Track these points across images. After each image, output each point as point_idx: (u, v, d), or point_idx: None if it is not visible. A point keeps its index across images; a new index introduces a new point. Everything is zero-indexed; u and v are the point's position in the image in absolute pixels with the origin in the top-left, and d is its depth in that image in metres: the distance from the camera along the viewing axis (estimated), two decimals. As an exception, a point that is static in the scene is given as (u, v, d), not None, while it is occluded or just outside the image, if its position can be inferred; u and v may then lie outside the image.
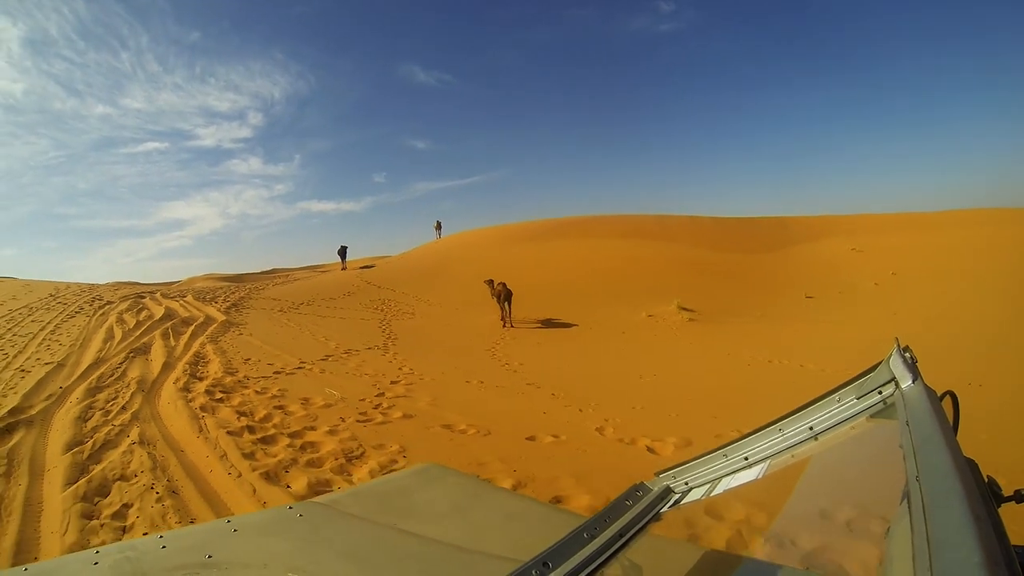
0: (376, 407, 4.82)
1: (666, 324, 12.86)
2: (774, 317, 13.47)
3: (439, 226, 28.76)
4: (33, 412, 4.59)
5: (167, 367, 6.49)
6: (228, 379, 5.83)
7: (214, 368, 6.42)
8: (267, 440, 3.79)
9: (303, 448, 3.63)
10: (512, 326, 12.41)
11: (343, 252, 26.75)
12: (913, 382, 0.81)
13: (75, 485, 3.02)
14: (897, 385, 0.83)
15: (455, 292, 18.08)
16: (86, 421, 4.33)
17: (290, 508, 1.20)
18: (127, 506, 2.78)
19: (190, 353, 7.39)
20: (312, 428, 4.07)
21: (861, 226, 29.87)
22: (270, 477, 3.07)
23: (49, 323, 9.55)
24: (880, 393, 0.85)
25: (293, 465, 3.29)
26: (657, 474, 1.10)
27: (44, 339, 8.17)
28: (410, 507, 1.29)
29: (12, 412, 4.54)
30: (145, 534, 2.37)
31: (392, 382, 6.06)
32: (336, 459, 3.39)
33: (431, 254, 25.03)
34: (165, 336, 8.55)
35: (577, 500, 2.75)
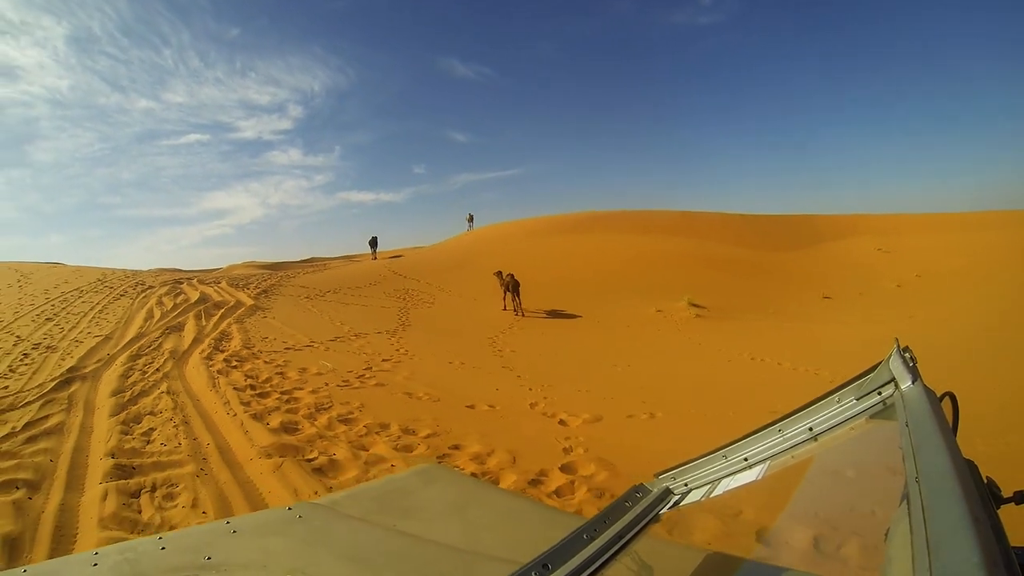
0: (359, 377, 5.94)
1: (672, 319, 13.47)
2: (786, 316, 13.95)
3: (471, 219, 30.02)
4: (86, 371, 5.93)
5: (196, 341, 7.83)
6: (244, 351, 7.10)
7: (235, 343, 7.72)
8: (262, 395, 4.96)
9: (287, 401, 4.77)
10: (522, 315, 13.41)
11: (374, 242, 28.41)
12: (913, 383, 0.83)
13: (117, 416, 4.25)
14: (897, 386, 0.86)
15: (477, 283, 19.10)
16: (127, 378, 5.63)
17: (289, 509, 1.25)
18: (152, 429, 3.97)
19: (217, 331, 8.75)
20: (300, 388, 5.22)
21: (891, 226, 29.61)
22: (256, 417, 4.20)
23: (98, 304, 11.22)
24: (880, 394, 0.88)
25: (276, 411, 4.42)
26: (656, 475, 1.15)
27: (94, 317, 9.76)
28: (409, 508, 1.36)
29: (70, 370, 5.89)
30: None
31: (384, 359, 7.19)
32: (308, 409, 4.50)
33: (459, 246, 26.26)
34: (198, 317, 9.99)
35: (470, 448, 3.73)
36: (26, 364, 6.25)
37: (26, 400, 4.73)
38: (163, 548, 1.03)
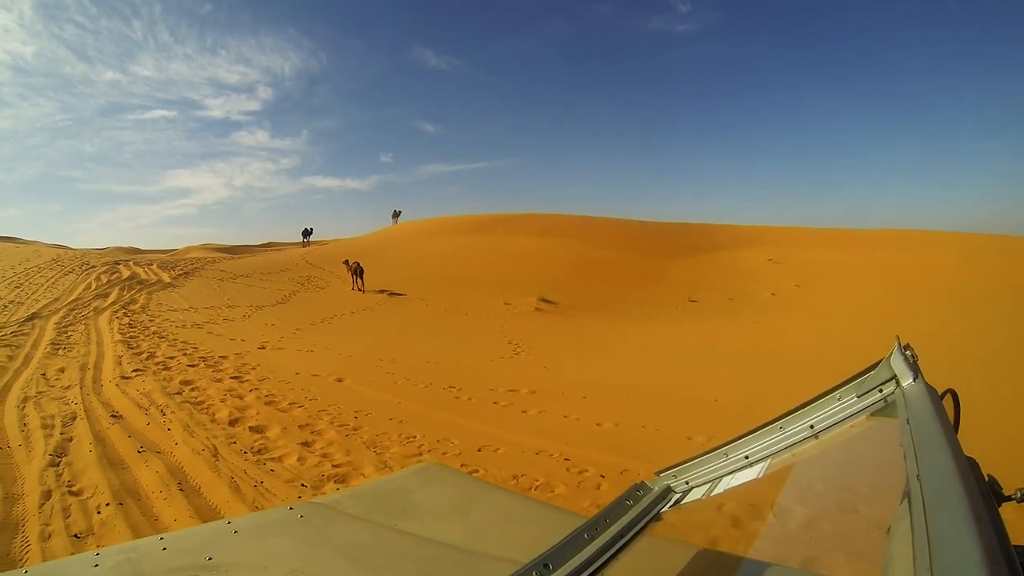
0: (195, 325, 11.33)
1: (512, 312, 16.67)
2: (633, 317, 16.26)
3: (397, 214, 35.31)
4: (43, 315, 11.29)
5: (113, 303, 13.19)
6: (139, 309, 12.49)
7: (137, 306, 13.09)
8: (132, 327, 10.36)
9: (142, 331, 10.18)
10: (363, 292, 18.78)
11: (307, 233, 33.63)
12: (914, 380, 0.90)
13: (56, 331, 9.64)
14: (898, 383, 0.92)
15: (373, 273, 24.12)
16: (65, 318, 11.00)
17: (291, 509, 1.37)
18: (71, 335, 9.38)
19: (130, 298, 14.10)
20: (155, 326, 10.63)
21: (792, 238, 33.09)
22: (121, 333, 9.60)
23: (51, 278, 16.60)
24: (881, 391, 0.95)
25: (132, 331, 9.82)
26: (657, 473, 1.25)
27: (48, 286, 15.11)
28: (410, 507, 1.48)
29: (32, 314, 11.23)
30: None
31: (224, 319, 12.56)
32: (148, 333, 9.91)
33: (378, 240, 31.63)
34: (122, 289, 15.33)
35: (200, 349, 9.12)
36: (7, 311, 11.61)
37: (11, 325, 10.10)
38: (164, 548, 1.12)
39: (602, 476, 3.98)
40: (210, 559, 1.07)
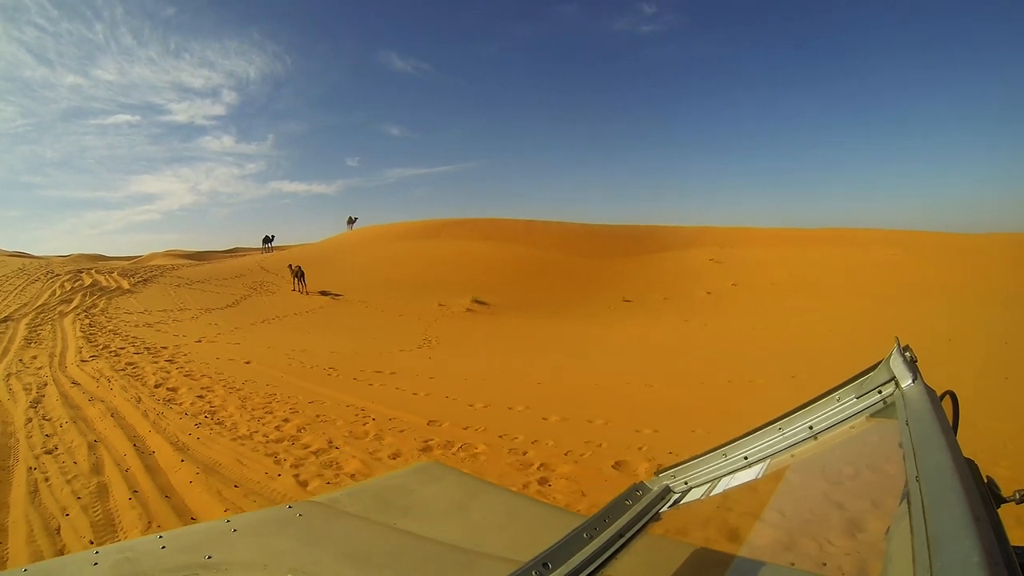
0: (147, 324, 13.66)
1: (443, 313, 18.57)
2: (562, 316, 17.88)
3: (352, 220, 37.58)
4: (15, 318, 13.53)
5: (76, 308, 15.43)
6: (98, 312, 14.77)
7: (97, 309, 15.35)
8: (93, 326, 12.68)
9: (100, 329, 12.51)
10: (307, 294, 21.05)
11: (268, 240, 35.74)
12: (913, 381, 0.92)
13: (28, 330, 11.94)
14: (897, 384, 0.94)
15: (322, 277, 26.05)
16: (34, 320, 13.27)
17: (289, 507, 1.40)
18: (40, 334, 11.69)
19: (91, 303, 16.34)
20: (111, 325, 12.95)
21: (736, 238, 35.54)
22: (83, 331, 11.93)
23: (19, 285, 18.75)
24: (880, 392, 0.96)
25: (92, 329, 12.16)
26: (656, 473, 1.26)
27: (16, 293, 17.29)
28: (409, 506, 1.50)
29: (5, 318, 13.47)
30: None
31: (173, 320, 14.89)
32: (105, 330, 12.26)
33: (332, 245, 33.89)
34: (84, 295, 17.53)
35: (145, 342, 11.52)
36: (-17, 314, 13.84)
37: (-12, 326, 12.37)
38: (163, 547, 1.14)
39: (372, 419, 6.22)
40: (209, 557, 1.10)
